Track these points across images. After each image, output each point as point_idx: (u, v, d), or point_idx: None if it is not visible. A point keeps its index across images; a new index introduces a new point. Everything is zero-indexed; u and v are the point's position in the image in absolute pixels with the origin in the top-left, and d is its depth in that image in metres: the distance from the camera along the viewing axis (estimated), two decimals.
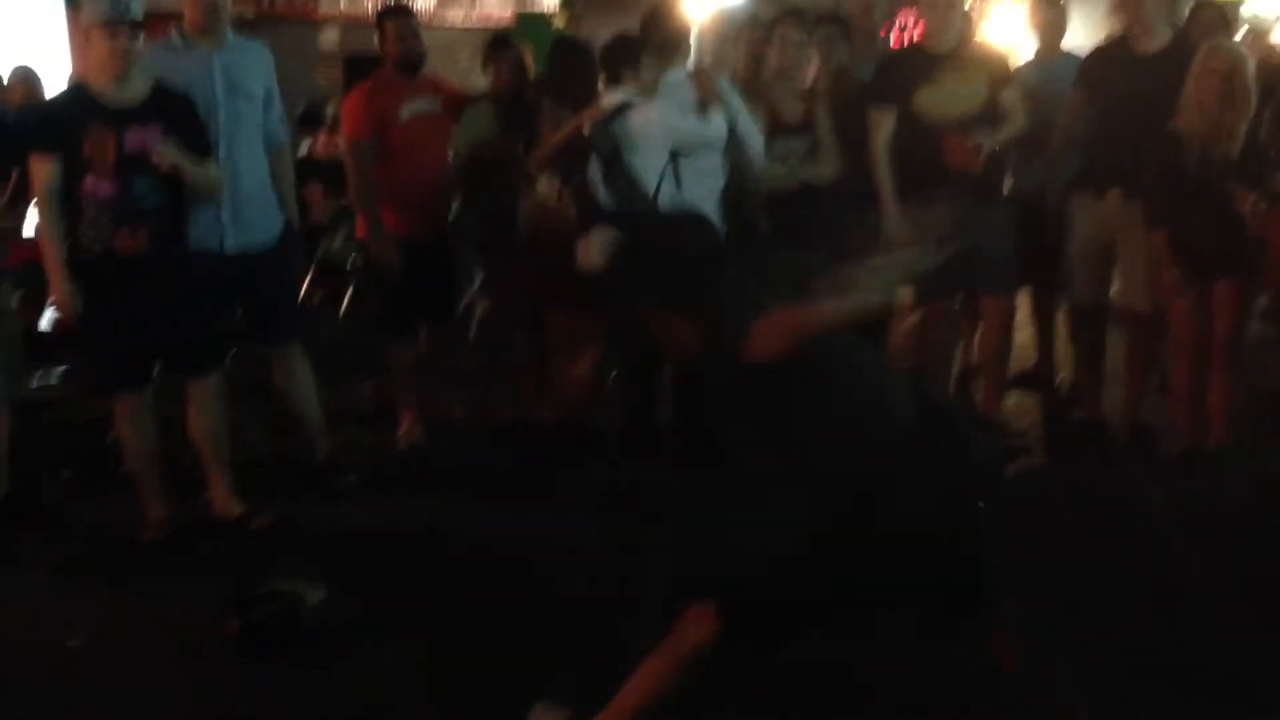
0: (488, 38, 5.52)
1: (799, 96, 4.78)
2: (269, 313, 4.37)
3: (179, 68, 4.05)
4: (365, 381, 5.58)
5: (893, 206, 4.65)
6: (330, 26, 11.28)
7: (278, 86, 4.35)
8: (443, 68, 6.17)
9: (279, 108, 4.40)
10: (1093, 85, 4.69)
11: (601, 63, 4.48)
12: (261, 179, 4.26)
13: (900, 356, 5.24)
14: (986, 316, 4.97)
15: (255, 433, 4.96)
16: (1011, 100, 4.66)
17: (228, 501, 4.20)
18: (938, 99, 4.58)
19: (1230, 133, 4.13)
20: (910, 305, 2.59)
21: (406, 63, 4.83)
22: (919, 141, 4.59)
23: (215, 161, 4.03)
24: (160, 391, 4.23)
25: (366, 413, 5.37)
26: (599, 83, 4.47)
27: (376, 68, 4.93)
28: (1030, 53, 5.45)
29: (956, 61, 4.63)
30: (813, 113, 4.74)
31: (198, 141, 3.98)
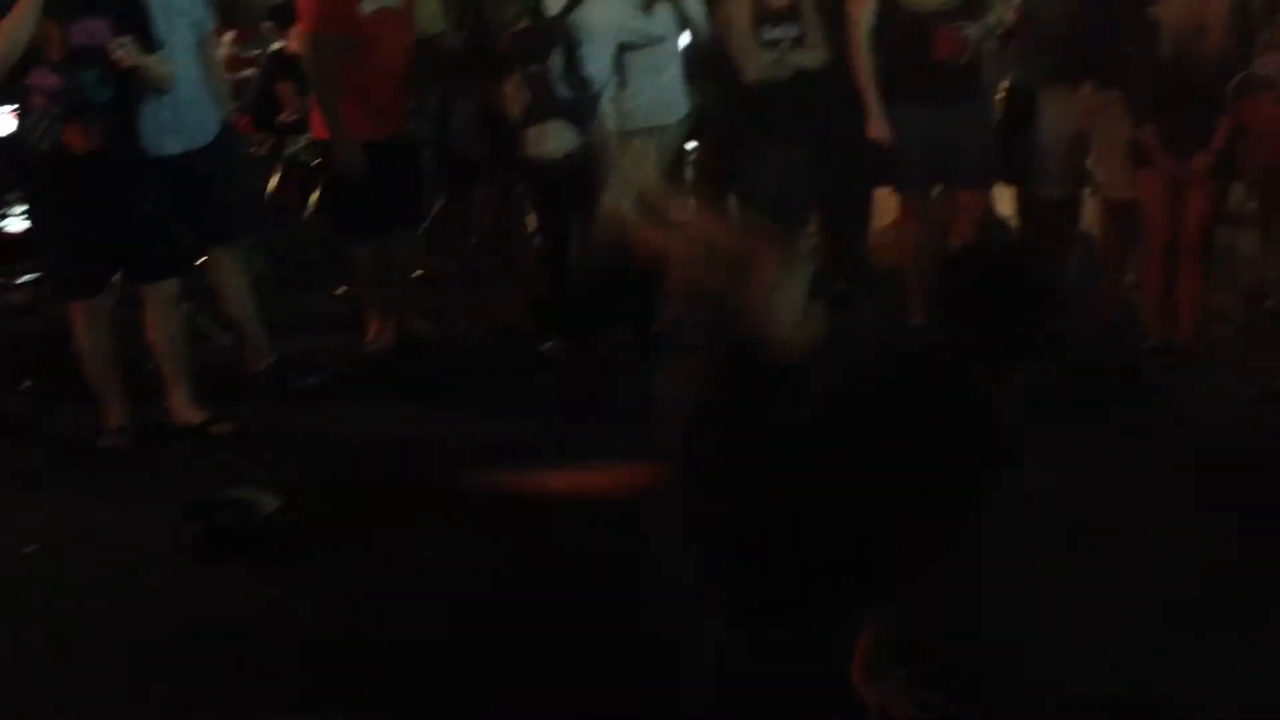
0: None
1: None
2: (212, 214, 4.28)
3: None
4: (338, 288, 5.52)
5: (875, 103, 4.51)
6: None
7: None
8: None
9: None
10: None
11: None
12: (197, 75, 4.17)
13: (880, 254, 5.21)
14: (961, 210, 4.87)
15: (218, 338, 4.91)
16: None
17: (188, 409, 4.17)
18: None
19: (1207, 22, 4.00)
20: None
21: None
22: (905, 32, 4.44)
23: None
24: (120, 297, 4.17)
25: (340, 317, 5.31)
26: None
27: None
28: None
29: None
30: None
31: (145, 36, 3.87)
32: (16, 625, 3.04)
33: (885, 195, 5.17)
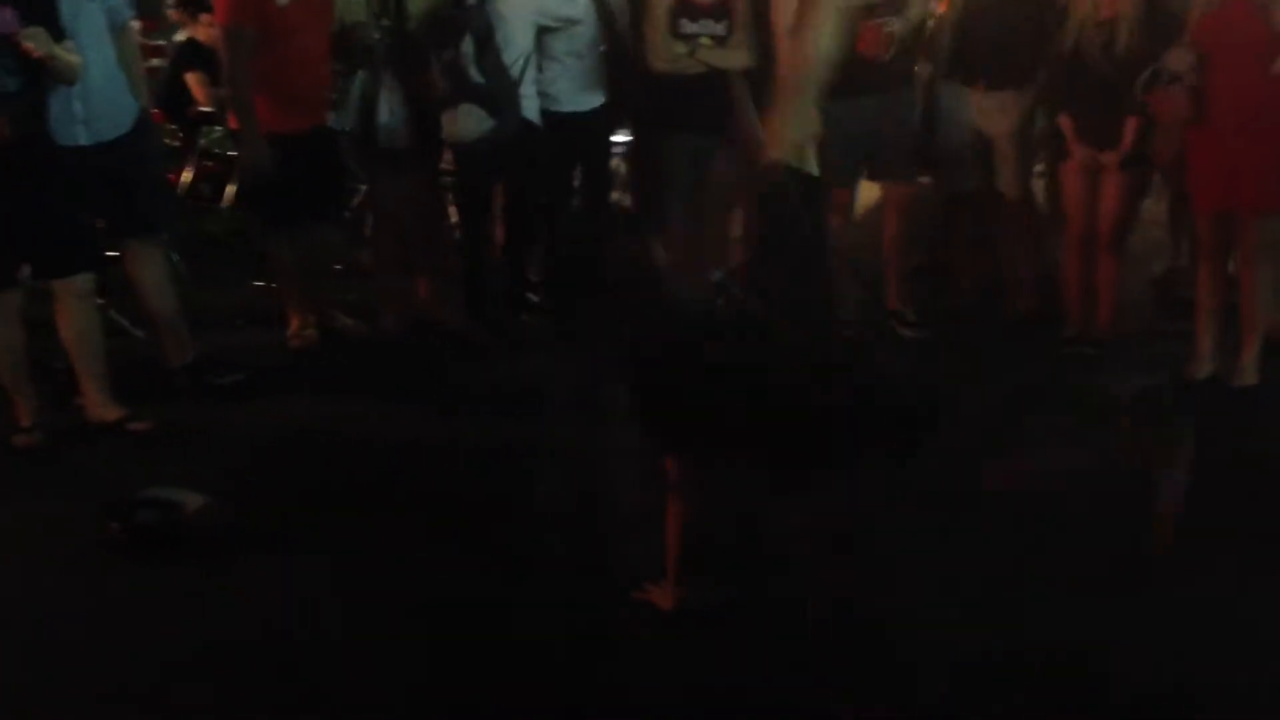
0: None
1: None
2: (126, 206, 4.17)
3: None
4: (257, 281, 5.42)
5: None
6: None
7: None
8: None
9: None
10: None
11: None
12: (110, 64, 4.05)
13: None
14: (887, 204, 4.93)
15: (134, 333, 4.80)
16: None
17: (103, 406, 4.06)
18: None
19: (1119, 16, 4.10)
20: None
21: None
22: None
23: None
24: (32, 292, 4.05)
25: (259, 312, 5.21)
26: None
27: None
28: None
29: None
30: None
31: (51, 24, 3.75)
32: None
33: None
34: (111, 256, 4.39)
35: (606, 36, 4.69)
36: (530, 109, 4.60)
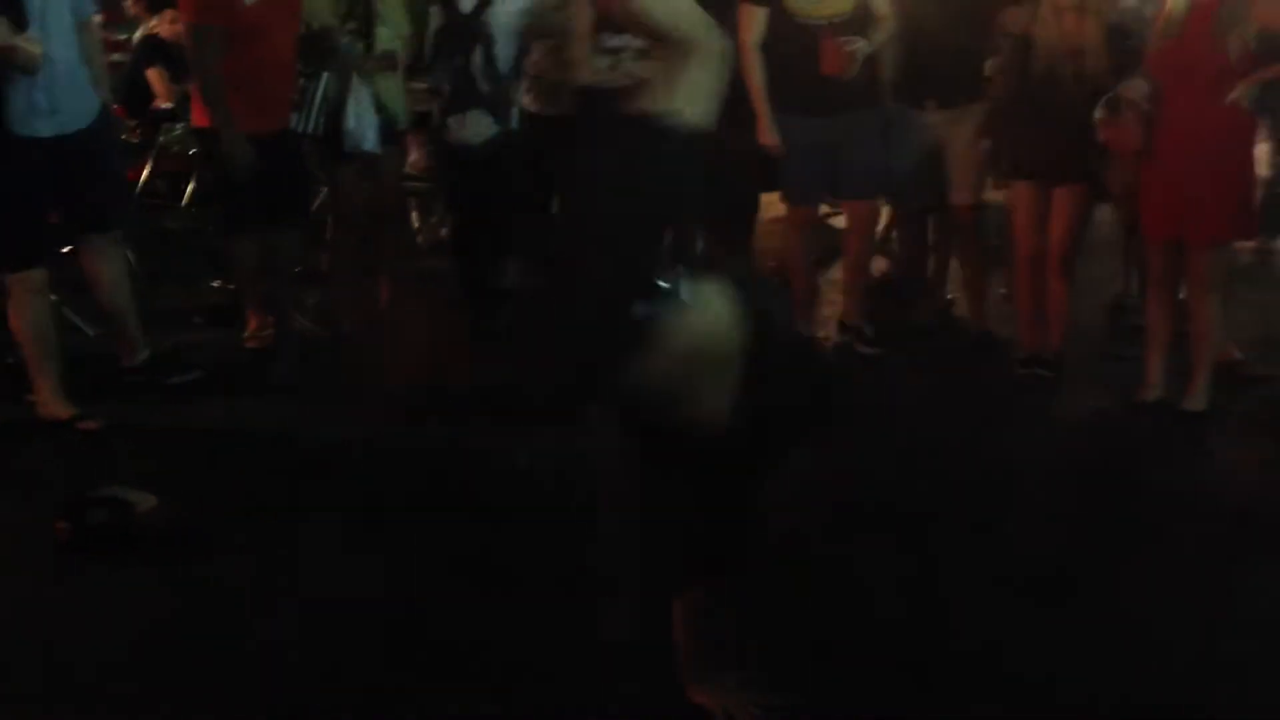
0: None
1: None
2: (86, 200, 4.13)
3: None
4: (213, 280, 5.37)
5: (766, 112, 4.58)
6: None
7: None
8: None
9: None
10: None
11: None
12: (73, 57, 4.01)
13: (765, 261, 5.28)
14: (848, 222, 4.98)
15: (87, 329, 4.74)
16: (882, 3, 4.61)
17: (54, 403, 4.01)
18: None
19: (1083, 45, 4.17)
20: None
21: None
22: (793, 43, 4.51)
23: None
24: None
25: (215, 311, 5.16)
26: None
27: None
28: None
29: None
30: None
31: (16, 14, 3.73)
32: None
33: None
34: (65, 252, 4.34)
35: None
36: (514, 115, 4.76)
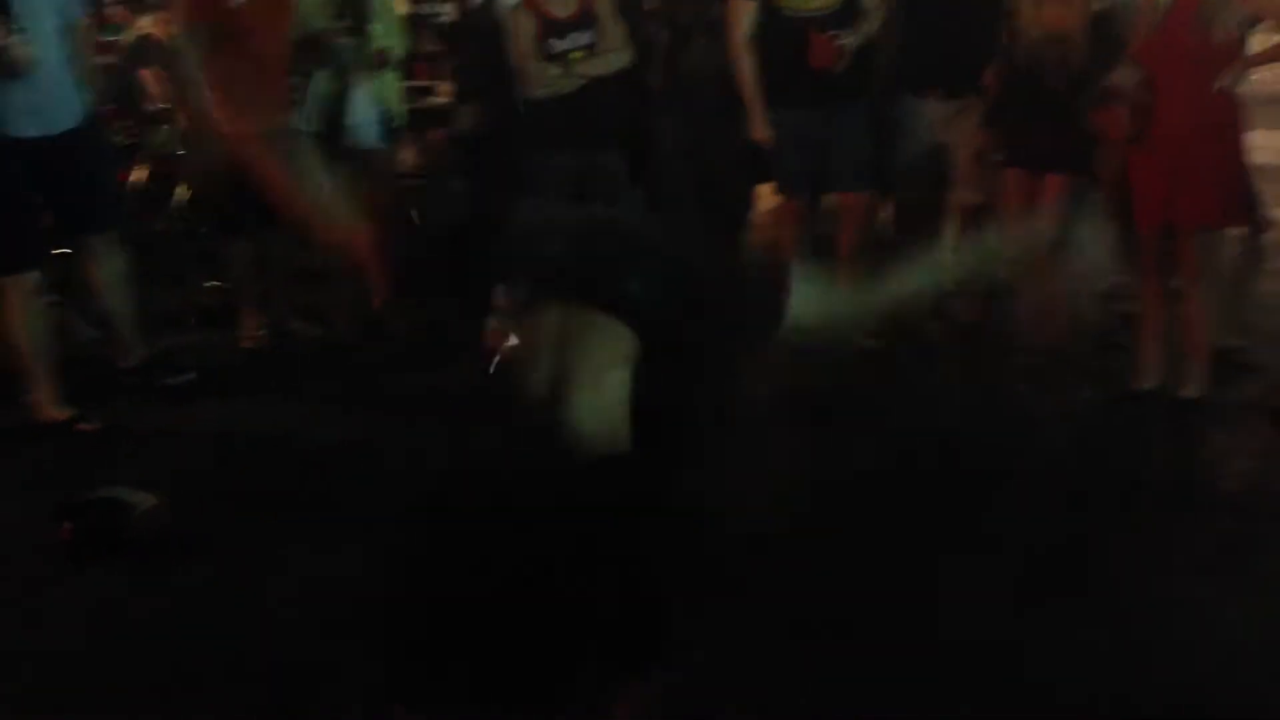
0: None
1: None
2: (77, 202, 4.14)
3: None
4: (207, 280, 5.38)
5: (757, 104, 4.58)
6: None
7: None
8: None
9: None
10: None
11: None
12: (60, 58, 4.02)
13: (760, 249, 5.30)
14: (842, 214, 4.98)
15: (83, 331, 4.74)
16: None
17: (51, 405, 4.02)
18: None
19: (1068, 33, 4.18)
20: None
21: None
22: (782, 37, 4.52)
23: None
24: None
25: (210, 313, 5.17)
26: None
27: None
28: None
29: None
30: (590, 2, 4.59)
31: (2, 16, 3.74)
32: None
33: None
34: (61, 254, 4.34)
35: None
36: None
